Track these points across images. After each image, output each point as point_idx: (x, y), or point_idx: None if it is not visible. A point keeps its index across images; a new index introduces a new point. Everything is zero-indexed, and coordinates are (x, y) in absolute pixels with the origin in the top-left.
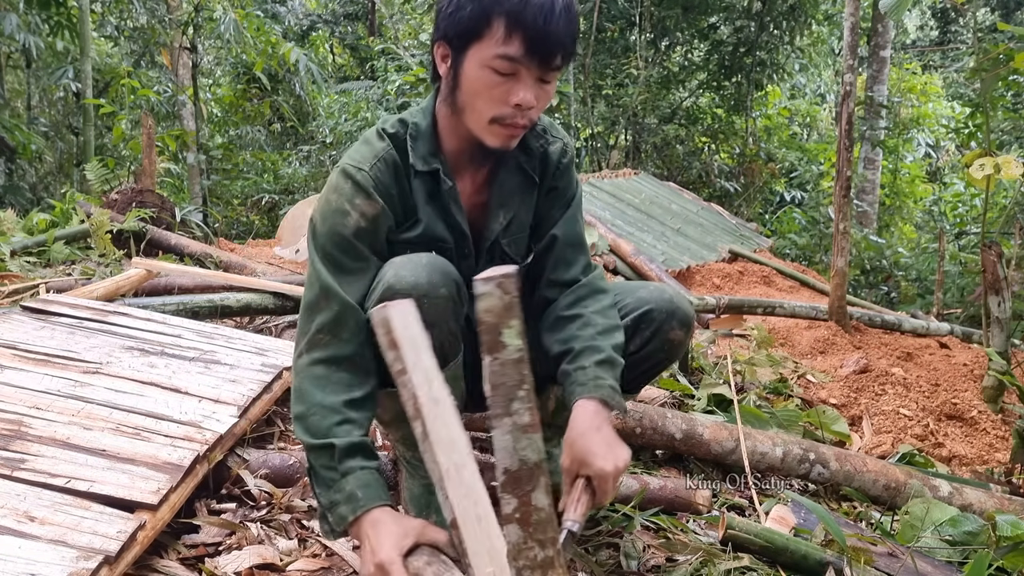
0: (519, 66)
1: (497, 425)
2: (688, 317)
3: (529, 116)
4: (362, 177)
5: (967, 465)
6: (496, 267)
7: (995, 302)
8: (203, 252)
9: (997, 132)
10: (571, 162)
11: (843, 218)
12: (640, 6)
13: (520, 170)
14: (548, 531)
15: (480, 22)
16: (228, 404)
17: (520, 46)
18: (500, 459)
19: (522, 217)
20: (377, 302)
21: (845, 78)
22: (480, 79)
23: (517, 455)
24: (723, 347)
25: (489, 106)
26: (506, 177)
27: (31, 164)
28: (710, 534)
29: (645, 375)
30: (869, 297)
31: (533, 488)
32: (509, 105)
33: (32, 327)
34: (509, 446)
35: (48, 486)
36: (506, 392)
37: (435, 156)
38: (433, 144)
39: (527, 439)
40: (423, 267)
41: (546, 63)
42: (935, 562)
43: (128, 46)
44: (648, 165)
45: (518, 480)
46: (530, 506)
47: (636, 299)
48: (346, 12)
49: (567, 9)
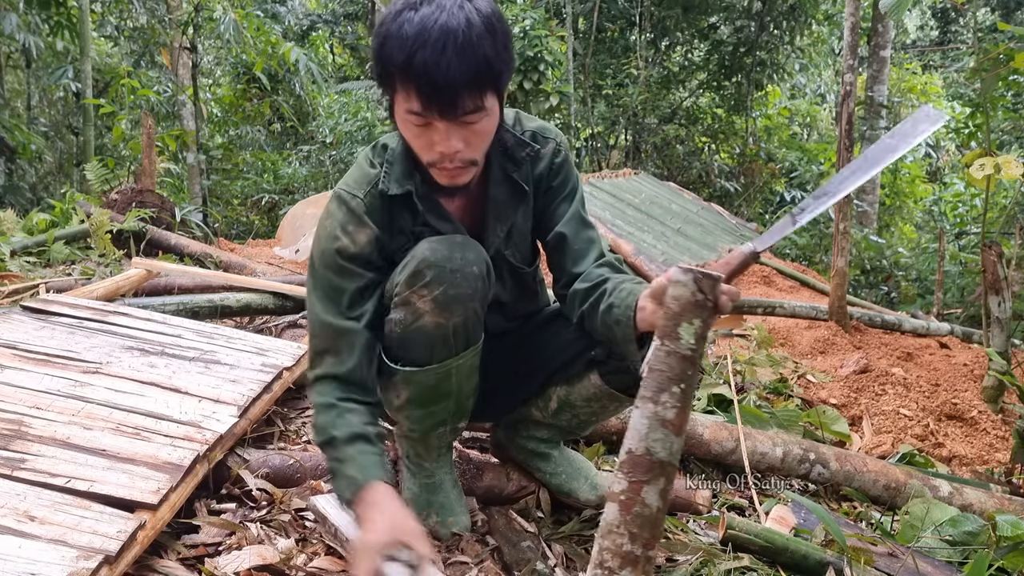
0: (428, 118)
1: (640, 407)
2: None
3: (461, 158)
4: (356, 204)
5: (967, 465)
6: (705, 268)
7: (995, 302)
8: (203, 252)
9: (997, 132)
10: (566, 159)
11: (843, 218)
12: (640, 6)
13: (509, 181)
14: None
15: (384, 80)
16: (228, 404)
17: (417, 101)
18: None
19: (521, 225)
20: (410, 275)
21: (845, 78)
22: (406, 129)
23: (646, 442)
24: (723, 347)
25: (421, 152)
26: (496, 191)
27: (31, 164)
28: (710, 534)
29: None
30: (869, 297)
31: (649, 481)
32: (436, 153)
33: (32, 327)
34: (643, 431)
35: (48, 486)
36: (661, 380)
37: (409, 178)
38: (408, 164)
39: (663, 433)
40: (457, 245)
41: (449, 113)
42: (935, 562)
43: (128, 46)
44: (648, 165)
45: (636, 465)
46: (638, 496)
47: None
48: (346, 12)
49: (463, 48)
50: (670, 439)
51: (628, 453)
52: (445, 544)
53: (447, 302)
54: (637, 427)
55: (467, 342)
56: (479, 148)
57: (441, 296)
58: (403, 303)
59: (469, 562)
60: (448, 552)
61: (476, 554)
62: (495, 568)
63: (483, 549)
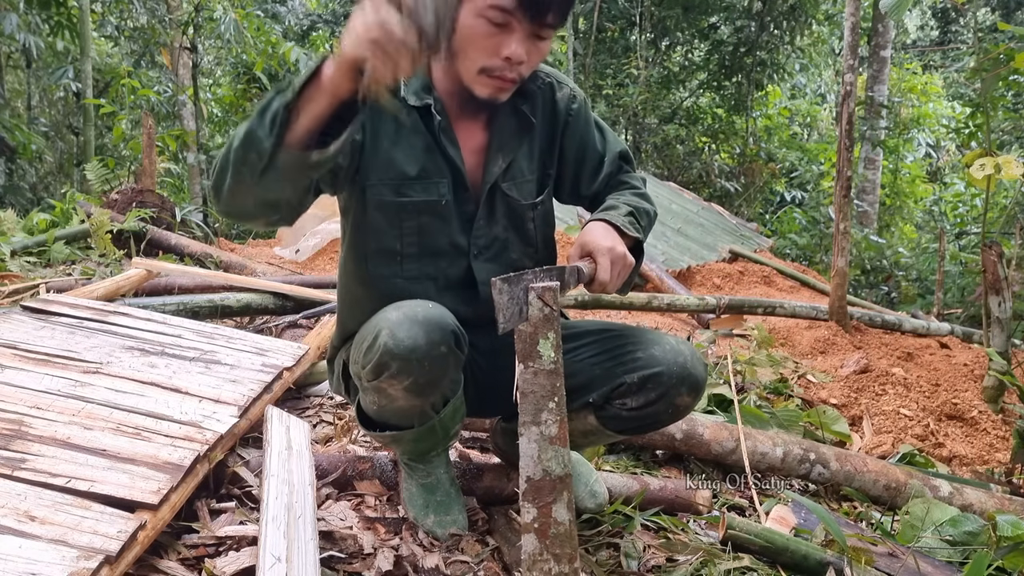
0: (511, 18)
1: (524, 432)
2: (699, 383)
3: (519, 71)
4: None
5: (967, 465)
6: (540, 277)
7: (995, 302)
8: (203, 252)
9: (997, 132)
10: (581, 109)
11: (843, 218)
12: (640, 6)
13: (516, 112)
14: (566, 547)
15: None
16: (228, 404)
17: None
18: (524, 467)
19: (522, 161)
20: (375, 365)
21: (845, 78)
22: (473, 28)
23: (541, 465)
24: (723, 347)
25: (480, 56)
26: (503, 120)
27: (31, 164)
28: (710, 534)
29: (643, 428)
30: (869, 297)
31: (555, 500)
32: (499, 57)
33: (32, 327)
34: (534, 455)
35: (49, 486)
36: (536, 402)
37: (428, 92)
38: (426, 80)
39: (553, 450)
40: (419, 325)
41: (539, 18)
42: (935, 562)
43: (128, 46)
44: (648, 165)
45: (540, 490)
46: (550, 518)
47: (648, 356)
48: (346, 12)
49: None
50: (560, 453)
51: (528, 481)
52: (444, 544)
53: (419, 389)
54: (529, 453)
55: (445, 401)
56: (531, 69)
57: (412, 385)
58: (374, 390)
59: (469, 562)
60: (448, 552)
61: (476, 554)
62: (495, 568)
63: (483, 549)
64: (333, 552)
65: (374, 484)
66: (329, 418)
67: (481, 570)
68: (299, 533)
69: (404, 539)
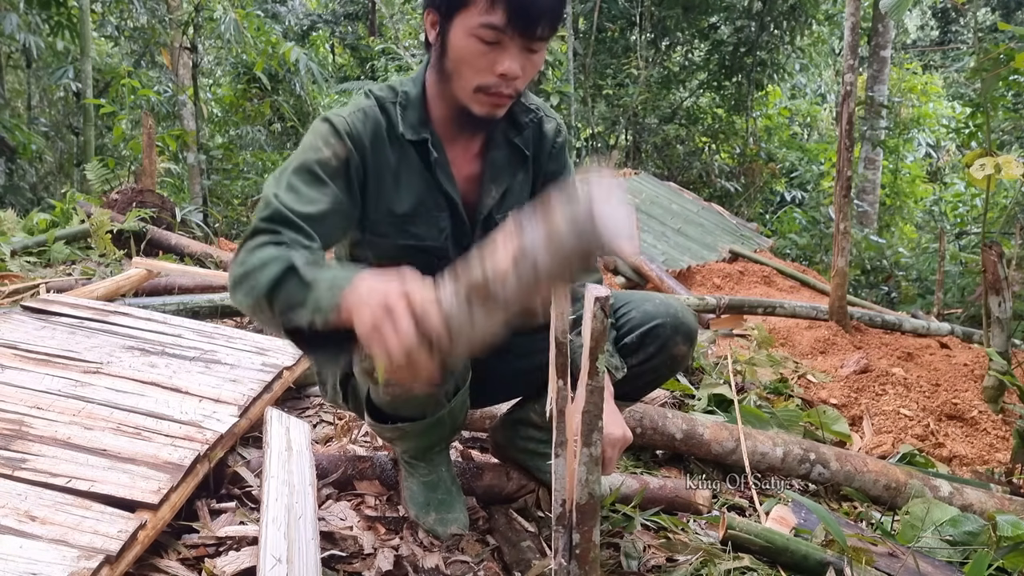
0: (503, 35)
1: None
2: (692, 331)
3: (514, 86)
4: (339, 122)
5: (968, 465)
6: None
7: (995, 302)
8: (203, 252)
9: (997, 132)
10: (565, 143)
11: (843, 218)
12: (640, 6)
13: (509, 144)
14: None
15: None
16: (229, 404)
17: (503, 15)
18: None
19: (516, 191)
20: None
21: (845, 78)
22: (466, 47)
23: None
24: (723, 347)
25: (474, 74)
26: (496, 153)
27: (31, 164)
28: (710, 534)
29: (647, 386)
30: (869, 297)
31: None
32: (494, 74)
33: (33, 327)
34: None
35: (49, 486)
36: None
37: (424, 126)
38: (422, 113)
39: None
40: None
41: (529, 32)
42: (935, 562)
43: (128, 46)
44: (648, 165)
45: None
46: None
47: (642, 313)
48: (346, 12)
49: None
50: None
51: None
52: (445, 543)
53: None
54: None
55: (457, 389)
56: (526, 81)
57: None
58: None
59: (469, 562)
60: (448, 552)
61: (476, 554)
62: (495, 568)
63: (483, 549)
64: (333, 552)
65: (374, 484)
66: (329, 418)
67: (481, 570)
68: (300, 534)
69: (404, 539)
